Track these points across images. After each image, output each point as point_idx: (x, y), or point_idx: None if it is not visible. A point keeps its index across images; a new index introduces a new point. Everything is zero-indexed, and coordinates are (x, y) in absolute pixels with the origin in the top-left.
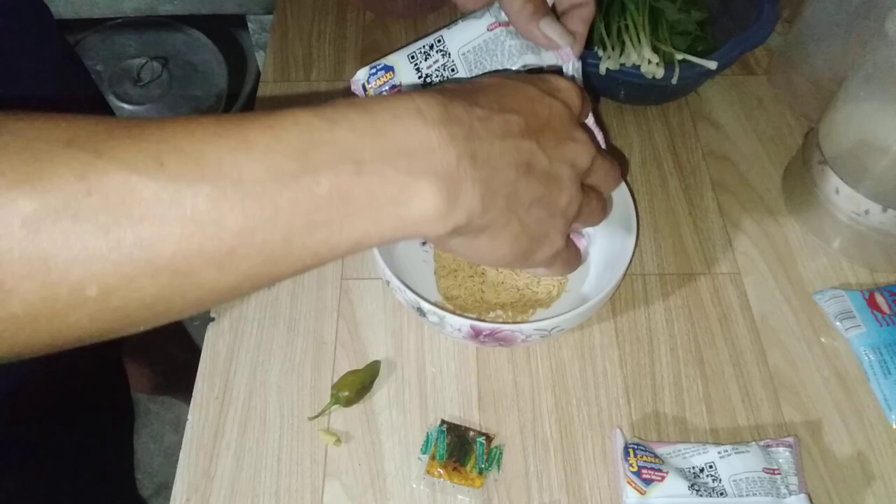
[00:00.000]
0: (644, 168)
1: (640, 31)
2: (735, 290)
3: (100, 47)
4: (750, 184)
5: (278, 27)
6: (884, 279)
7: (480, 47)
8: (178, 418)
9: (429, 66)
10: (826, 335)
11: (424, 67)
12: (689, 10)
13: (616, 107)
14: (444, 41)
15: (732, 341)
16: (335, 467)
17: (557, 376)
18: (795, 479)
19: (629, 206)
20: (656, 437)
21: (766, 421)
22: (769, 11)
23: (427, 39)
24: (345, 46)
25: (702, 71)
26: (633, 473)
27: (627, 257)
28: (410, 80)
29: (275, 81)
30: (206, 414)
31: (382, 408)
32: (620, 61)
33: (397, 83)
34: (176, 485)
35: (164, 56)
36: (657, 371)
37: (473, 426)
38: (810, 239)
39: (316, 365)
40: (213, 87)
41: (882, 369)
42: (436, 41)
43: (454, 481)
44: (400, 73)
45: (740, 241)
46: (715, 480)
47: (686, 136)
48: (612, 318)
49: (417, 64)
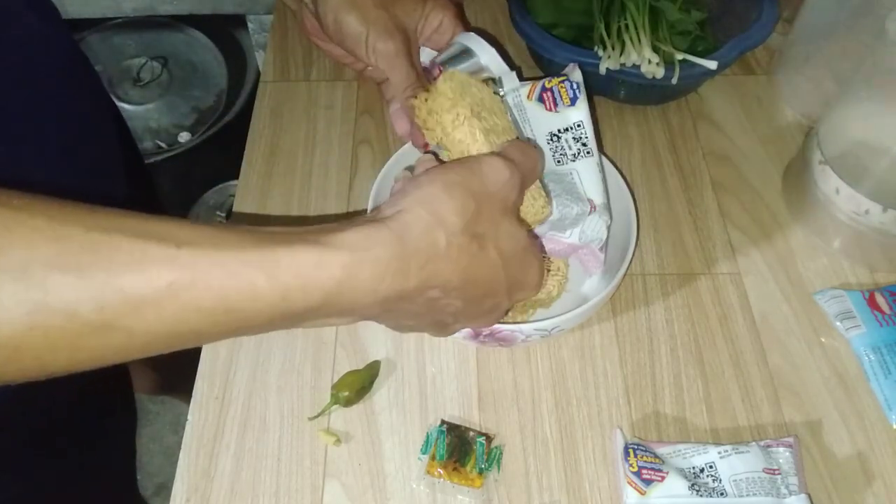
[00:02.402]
0: (644, 168)
1: (641, 30)
2: (735, 290)
3: (100, 47)
4: (750, 184)
5: (278, 27)
6: (884, 279)
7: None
8: (178, 418)
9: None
10: (826, 335)
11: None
12: (689, 10)
13: (616, 107)
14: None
15: (732, 341)
16: (335, 467)
17: (557, 376)
18: (795, 479)
19: (629, 206)
20: (656, 438)
21: (766, 421)
22: (769, 11)
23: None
24: None
25: (702, 71)
26: (633, 473)
27: (627, 257)
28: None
29: (275, 81)
30: (206, 414)
31: (382, 408)
32: (620, 61)
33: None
34: (176, 485)
35: (164, 56)
36: (657, 371)
37: (473, 426)
38: (810, 239)
39: (316, 365)
40: (213, 87)
41: (882, 369)
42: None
43: (454, 481)
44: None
45: (740, 241)
46: (715, 480)
47: (686, 136)
48: (612, 318)
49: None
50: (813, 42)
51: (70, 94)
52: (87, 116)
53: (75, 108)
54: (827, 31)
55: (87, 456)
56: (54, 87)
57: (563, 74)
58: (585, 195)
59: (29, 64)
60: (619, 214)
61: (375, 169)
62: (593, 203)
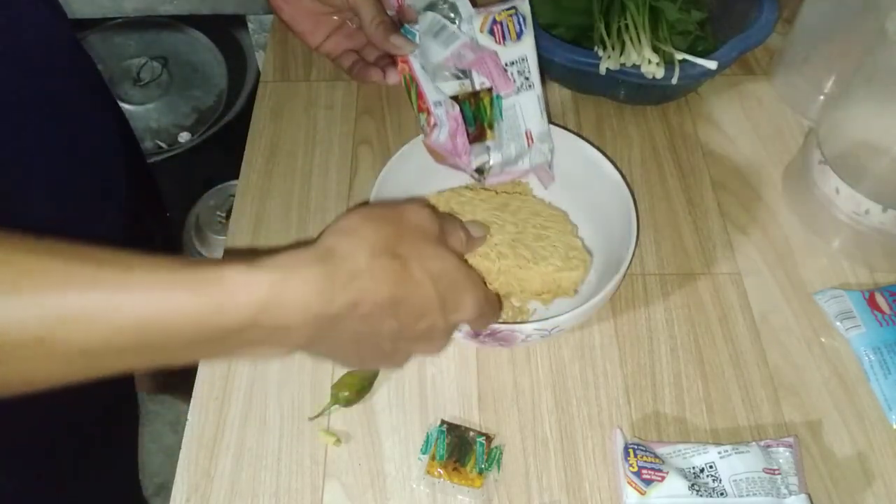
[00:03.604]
0: (644, 168)
1: (641, 31)
2: (735, 290)
3: (100, 47)
4: (750, 184)
5: (278, 27)
6: (884, 279)
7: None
8: (178, 418)
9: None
10: (826, 335)
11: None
12: (689, 10)
13: (616, 107)
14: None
15: (732, 341)
16: (335, 467)
17: (557, 376)
18: (795, 479)
19: (629, 206)
20: (656, 437)
21: (766, 421)
22: (769, 11)
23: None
24: None
25: (702, 71)
26: (633, 473)
27: (627, 257)
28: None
29: (275, 81)
30: (206, 414)
31: (382, 408)
32: (620, 61)
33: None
34: (176, 485)
35: (164, 56)
36: (657, 371)
37: (473, 426)
38: (810, 239)
39: (316, 365)
40: (213, 87)
41: (882, 369)
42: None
43: (454, 481)
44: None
45: (740, 241)
46: (715, 480)
47: (686, 136)
48: (613, 318)
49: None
50: (813, 42)
51: (72, 89)
52: (85, 106)
53: (74, 97)
54: (827, 31)
55: (91, 455)
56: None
57: (511, 6)
58: (525, 127)
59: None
60: (619, 214)
61: (375, 169)
62: (530, 133)
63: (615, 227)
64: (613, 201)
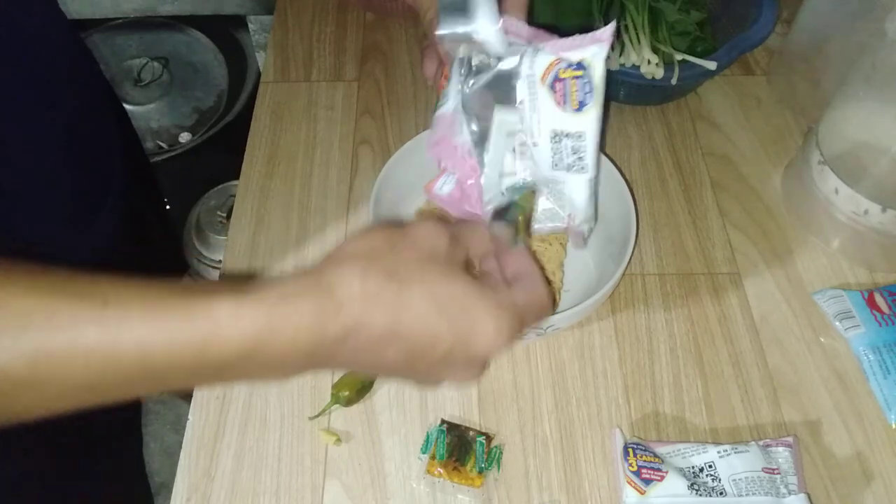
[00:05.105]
0: (644, 168)
1: (640, 31)
2: (735, 290)
3: (100, 47)
4: (750, 184)
5: (278, 27)
6: (883, 279)
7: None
8: (179, 418)
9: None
10: (825, 335)
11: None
12: (688, 11)
13: (616, 107)
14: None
15: (732, 341)
16: (335, 467)
17: (557, 376)
18: (795, 478)
19: (629, 206)
20: (656, 437)
21: (765, 421)
22: (769, 11)
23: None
24: (345, 46)
25: (701, 71)
26: (632, 473)
27: (626, 257)
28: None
29: (275, 81)
30: (207, 414)
31: (382, 408)
32: (620, 61)
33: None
34: (176, 484)
35: (165, 56)
36: (657, 371)
37: (473, 426)
38: (810, 239)
39: None
40: (213, 87)
41: (882, 369)
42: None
43: (454, 481)
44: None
45: (740, 241)
46: (714, 480)
47: (686, 136)
48: (612, 318)
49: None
50: (812, 42)
51: (75, 90)
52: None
53: (73, 97)
54: (826, 31)
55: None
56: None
57: (581, 65)
58: (566, 212)
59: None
60: (619, 214)
61: (375, 169)
62: (571, 217)
63: (615, 226)
64: (613, 201)
